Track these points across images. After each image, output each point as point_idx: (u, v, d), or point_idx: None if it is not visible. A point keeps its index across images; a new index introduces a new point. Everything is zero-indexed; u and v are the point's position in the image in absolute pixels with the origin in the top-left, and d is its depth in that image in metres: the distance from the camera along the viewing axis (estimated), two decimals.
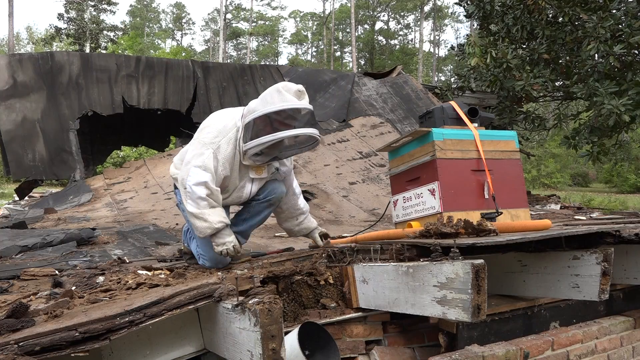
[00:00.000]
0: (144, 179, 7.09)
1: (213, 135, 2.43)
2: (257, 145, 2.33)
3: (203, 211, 2.38)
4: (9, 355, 1.31)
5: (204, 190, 2.37)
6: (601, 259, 2.01)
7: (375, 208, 5.72)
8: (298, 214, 2.83)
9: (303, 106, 2.33)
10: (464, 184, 2.68)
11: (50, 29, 29.26)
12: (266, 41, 51.54)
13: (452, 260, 1.74)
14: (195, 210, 2.37)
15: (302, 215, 2.84)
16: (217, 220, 2.39)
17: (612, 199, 19.27)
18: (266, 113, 2.30)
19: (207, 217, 2.37)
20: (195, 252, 2.71)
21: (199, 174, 2.36)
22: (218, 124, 2.47)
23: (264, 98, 2.36)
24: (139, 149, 19.10)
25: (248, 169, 2.52)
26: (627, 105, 5.79)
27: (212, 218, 2.38)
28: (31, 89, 7.62)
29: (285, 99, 2.30)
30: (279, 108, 2.28)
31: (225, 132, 2.42)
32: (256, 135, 2.32)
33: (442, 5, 43.07)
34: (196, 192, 2.36)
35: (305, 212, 2.86)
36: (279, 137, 2.30)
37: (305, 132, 2.32)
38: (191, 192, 2.37)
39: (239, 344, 1.70)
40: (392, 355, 2.29)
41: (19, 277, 2.53)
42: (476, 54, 7.29)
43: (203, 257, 2.60)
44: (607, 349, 2.60)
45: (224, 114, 2.55)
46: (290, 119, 2.30)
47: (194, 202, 2.38)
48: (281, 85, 2.36)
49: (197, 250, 2.67)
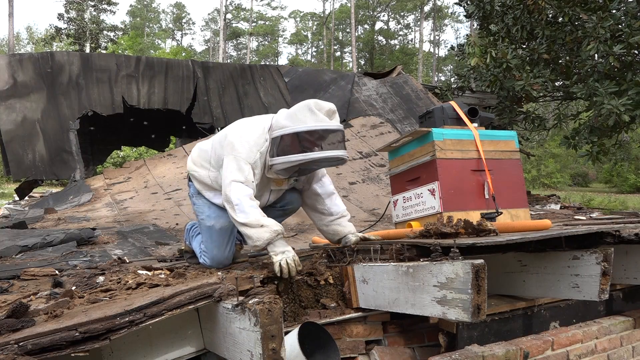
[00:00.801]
0: (144, 179, 7.09)
1: (248, 149, 2.34)
2: (284, 163, 2.28)
3: (259, 218, 2.25)
4: (9, 355, 1.31)
5: (250, 200, 2.29)
6: (601, 259, 2.01)
7: (375, 208, 5.73)
8: (327, 215, 2.64)
9: (335, 127, 2.26)
10: (464, 184, 2.69)
11: (50, 29, 29.26)
12: (266, 41, 51.55)
13: (452, 260, 1.74)
14: (248, 219, 2.24)
15: (331, 217, 2.63)
16: (275, 223, 2.26)
17: (612, 199, 19.27)
18: (297, 132, 2.23)
19: (264, 222, 2.24)
20: (197, 249, 2.69)
21: (242, 188, 2.29)
22: (251, 137, 2.38)
23: (295, 115, 2.29)
24: (139, 149, 19.11)
25: (270, 180, 2.48)
26: (627, 105, 5.79)
27: (269, 222, 2.25)
28: (31, 89, 7.62)
29: (318, 118, 2.24)
30: (311, 128, 2.22)
31: (259, 146, 2.35)
32: (283, 152, 2.27)
33: (442, 5, 43.11)
34: (244, 203, 2.27)
35: (335, 214, 2.62)
36: (309, 158, 2.24)
37: (335, 154, 2.25)
38: (239, 203, 2.27)
39: (239, 344, 1.70)
40: (392, 355, 2.29)
41: (19, 277, 2.53)
42: (476, 54, 7.29)
43: (205, 255, 2.57)
44: (607, 348, 2.60)
45: (254, 125, 2.45)
46: (321, 139, 2.23)
47: (243, 213, 2.26)
48: (313, 103, 2.29)
49: (200, 248, 2.65)
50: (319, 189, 2.64)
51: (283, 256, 2.20)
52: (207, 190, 2.60)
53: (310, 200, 2.66)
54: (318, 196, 2.64)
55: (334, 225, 2.60)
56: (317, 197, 2.64)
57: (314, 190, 2.64)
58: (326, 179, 2.68)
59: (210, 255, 2.55)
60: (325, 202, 2.63)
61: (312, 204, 2.66)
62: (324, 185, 2.65)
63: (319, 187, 2.64)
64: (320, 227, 2.68)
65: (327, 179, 2.69)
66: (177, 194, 6.31)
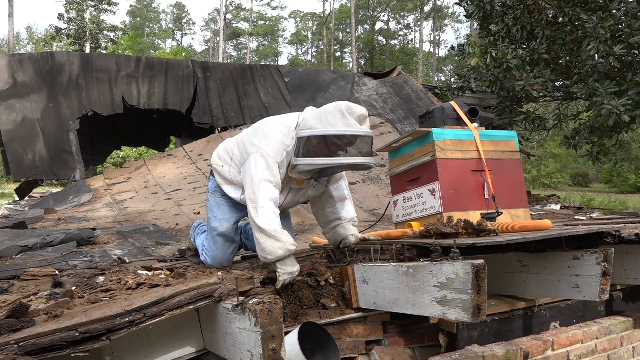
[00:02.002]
0: (144, 179, 7.09)
1: (277, 148, 2.29)
2: (309, 164, 2.22)
3: (277, 229, 2.18)
4: (9, 355, 1.31)
5: (275, 206, 2.24)
6: (601, 259, 2.01)
7: (375, 208, 5.72)
8: (334, 218, 2.57)
9: (364, 133, 2.20)
10: (464, 184, 2.68)
11: (50, 29, 29.24)
12: (266, 41, 51.54)
13: (452, 260, 1.74)
14: (268, 228, 2.17)
15: (337, 221, 2.56)
16: (291, 242, 2.19)
17: (612, 199, 19.26)
18: (326, 134, 2.18)
19: (281, 237, 2.17)
20: (200, 246, 2.68)
21: (271, 190, 2.23)
22: (278, 135, 2.32)
23: (325, 116, 2.22)
24: (139, 149, 19.12)
25: (291, 179, 2.42)
26: (626, 105, 5.79)
27: (285, 238, 2.18)
28: (31, 89, 7.62)
29: (348, 123, 2.17)
30: (340, 132, 2.16)
31: (286, 145, 2.29)
32: (309, 153, 2.22)
33: (442, 5, 43.11)
34: (270, 208, 2.21)
35: (342, 219, 2.55)
36: (335, 163, 2.19)
37: (362, 161, 2.20)
38: (264, 206, 2.20)
39: (239, 344, 1.70)
40: (392, 355, 2.29)
41: (19, 277, 2.53)
42: (476, 54, 7.29)
43: (207, 253, 2.57)
44: (607, 349, 2.60)
45: (281, 123, 2.38)
46: (349, 144, 2.18)
47: (267, 218, 2.19)
48: (344, 106, 2.21)
49: (202, 245, 2.64)
50: (333, 192, 2.57)
51: (290, 276, 2.17)
52: (226, 184, 2.56)
53: (321, 201, 2.60)
54: (331, 198, 2.57)
55: (339, 228, 2.54)
56: (329, 198, 2.58)
57: (329, 191, 2.57)
58: (343, 181, 2.62)
59: (211, 254, 2.55)
60: (336, 206, 2.57)
61: (322, 205, 2.60)
62: (340, 189, 2.59)
63: (334, 190, 2.58)
64: (323, 227, 2.63)
65: (344, 182, 2.62)
66: (177, 194, 6.31)
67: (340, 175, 2.59)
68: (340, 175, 2.60)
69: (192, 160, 7.49)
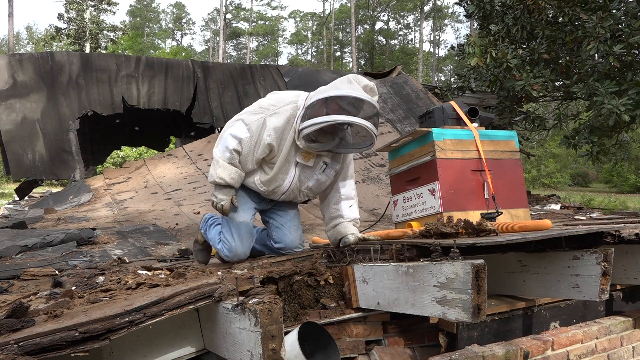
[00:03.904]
0: (144, 179, 7.09)
1: (272, 102, 2.46)
2: (310, 125, 2.28)
3: (219, 161, 2.45)
4: (9, 355, 1.31)
5: (235, 144, 2.42)
6: (601, 259, 2.01)
7: (375, 208, 5.72)
8: (337, 215, 2.59)
9: (367, 99, 2.26)
10: (464, 184, 2.68)
11: (50, 29, 29.25)
12: (266, 41, 51.54)
13: (452, 260, 1.74)
14: (216, 155, 2.46)
15: (340, 219, 2.57)
16: (220, 176, 2.43)
17: (612, 199, 19.25)
18: (329, 96, 2.27)
19: (217, 168, 2.44)
20: (216, 240, 2.66)
21: (240, 129, 2.42)
22: (281, 96, 2.51)
23: (334, 84, 2.33)
24: (139, 149, 19.11)
25: (297, 151, 2.46)
26: (627, 105, 5.79)
27: (220, 171, 2.43)
28: (31, 89, 7.62)
29: (352, 87, 2.26)
30: (342, 93, 2.25)
31: (284, 104, 2.43)
32: (312, 115, 2.29)
33: (442, 5, 43.10)
34: (227, 141, 2.43)
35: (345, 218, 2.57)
36: (333, 120, 2.24)
37: (358, 121, 2.23)
38: (224, 139, 2.44)
39: (239, 344, 1.70)
40: (392, 355, 2.29)
41: (19, 277, 2.53)
42: (476, 54, 7.28)
43: (225, 246, 2.57)
44: (607, 349, 2.60)
45: (291, 92, 2.57)
46: (350, 106, 2.25)
47: (221, 148, 2.45)
48: (353, 76, 2.34)
49: (219, 237, 2.63)
50: (341, 188, 2.61)
51: (215, 200, 2.50)
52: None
53: (329, 196, 2.65)
54: (338, 194, 2.61)
55: (340, 227, 2.56)
56: (336, 194, 2.62)
57: (337, 187, 2.62)
58: (351, 181, 2.65)
59: (229, 246, 2.54)
60: (342, 203, 2.59)
61: (329, 200, 2.64)
62: (348, 187, 2.63)
63: (342, 187, 2.62)
64: (326, 224, 2.67)
65: (351, 182, 2.65)
66: (177, 194, 6.31)
67: (350, 174, 2.64)
68: (350, 174, 2.65)
69: (192, 160, 7.49)
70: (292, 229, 2.72)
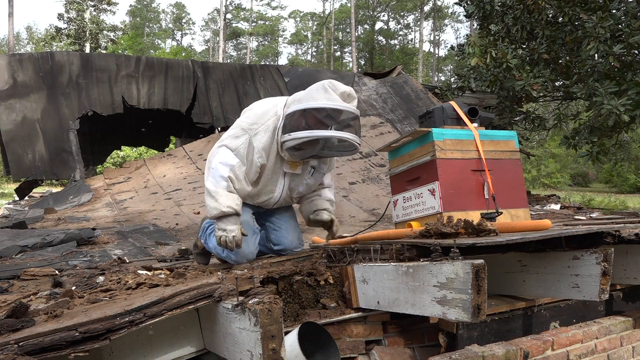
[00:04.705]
0: (144, 179, 7.09)
1: (252, 121, 2.37)
2: (292, 140, 2.25)
3: (219, 190, 2.31)
4: (9, 355, 1.31)
5: (228, 171, 2.32)
6: (601, 259, 2.01)
7: (375, 208, 5.72)
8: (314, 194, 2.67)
9: (345, 108, 2.22)
10: (464, 184, 2.68)
11: (50, 29, 29.25)
12: (266, 41, 51.53)
13: (452, 260, 1.74)
14: (212, 188, 2.32)
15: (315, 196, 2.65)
16: (227, 205, 2.30)
17: (612, 199, 19.25)
18: (306, 108, 2.22)
19: (219, 198, 2.30)
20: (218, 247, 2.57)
21: (228, 156, 2.33)
22: (259, 110, 2.41)
23: (310, 92, 2.29)
24: (139, 149, 19.12)
25: (283, 162, 2.44)
26: (626, 105, 5.79)
27: (223, 200, 2.30)
28: (31, 89, 7.62)
29: (329, 97, 2.21)
30: (320, 105, 2.20)
31: (265, 120, 2.35)
32: (292, 129, 2.25)
33: (442, 5, 43.10)
34: (219, 170, 2.32)
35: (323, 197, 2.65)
36: (314, 136, 2.21)
37: (340, 135, 2.21)
38: (214, 169, 2.33)
39: (239, 344, 1.70)
40: (392, 355, 2.29)
41: (19, 277, 2.53)
42: (476, 54, 7.28)
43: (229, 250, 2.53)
44: (607, 349, 2.60)
45: (268, 101, 2.49)
46: (329, 118, 2.20)
47: (213, 179, 2.33)
48: (328, 82, 2.27)
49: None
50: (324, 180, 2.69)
51: (223, 233, 2.32)
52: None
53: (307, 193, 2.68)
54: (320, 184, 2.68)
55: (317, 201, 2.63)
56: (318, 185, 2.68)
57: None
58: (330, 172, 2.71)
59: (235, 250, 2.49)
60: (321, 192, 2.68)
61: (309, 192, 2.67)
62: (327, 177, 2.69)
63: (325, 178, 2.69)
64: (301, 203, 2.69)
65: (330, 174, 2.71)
66: (177, 194, 6.31)
67: (332, 167, 2.69)
68: (332, 167, 2.70)
69: (192, 160, 7.49)
70: (290, 230, 2.72)
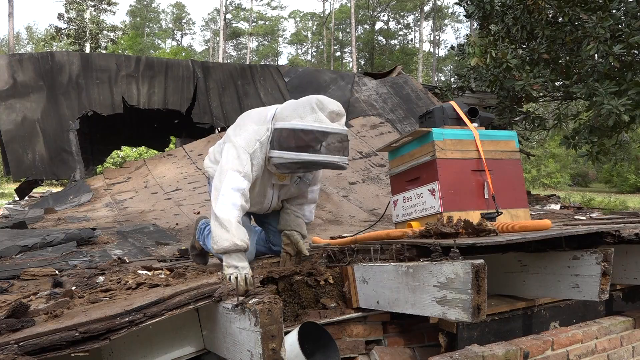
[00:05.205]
0: (144, 179, 7.09)
1: (248, 139, 2.28)
2: (279, 158, 2.21)
3: (231, 220, 2.12)
4: (9, 355, 1.31)
5: (240, 198, 2.19)
6: (601, 259, 2.01)
7: (375, 208, 5.73)
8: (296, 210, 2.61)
9: (333, 130, 2.16)
10: (464, 184, 2.68)
11: (50, 29, 29.25)
12: (266, 41, 51.54)
13: (452, 260, 1.74)
14: (224, 216, 2.12)
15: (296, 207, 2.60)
16: (240, 238, 2.10)
17: (612, 199, 19.25)
18: (293, 128, 2.16)
19: (232, 229, 2.10)
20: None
21: (238, 180, 2.20)
22: (251, 126, 2.33)
23: (297, 109, 2.22)
24: (139, 149, 19.11)
25: (271, 174, 2.41)
26: (626, 105, 5.79)
27: (235, 232, 2.10)
28: (31, 89, 7.62)
29: (317, 118, 2.14)
30: (307, 127, 2.13)
31: (260, 136, 2.28)
32: (280, 147, 2.20)
33: (442, 5, 43.10)
34: (231, 198, 2.17)
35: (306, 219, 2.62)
36: (300, 159, 2.17)
37: (329, 160, 2.16)
38: (225, 195, 2.17)
39: (239, 344, 1.70)
40: (392, 355, 2.29)
41: (19, 277, 2.53)
42: (476, 54, 7.29)
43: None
44: (607, 349, 2.60)
45: (257, 115, 2.41)
46: (316, 141, 2.14)
47: (225, 207, 2.15)
48: (316, 101, 2.19)
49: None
50: (309, 194, 2.64)
51: (235, 271, 2.06)
52: None
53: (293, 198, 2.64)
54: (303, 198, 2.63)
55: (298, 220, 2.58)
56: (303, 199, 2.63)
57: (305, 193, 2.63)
58: (318, 186, 2.68)
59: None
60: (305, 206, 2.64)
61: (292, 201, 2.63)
62: (314, 192, 2.65)
63: (310, 192, 2.64)
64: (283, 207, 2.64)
65: (318, 187, 2.68)
66: (177, 194, 6.31)
67: (319, 179, 2.65)
68: (319, 179, 2.65)
69: (192, 160, 7.49)
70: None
